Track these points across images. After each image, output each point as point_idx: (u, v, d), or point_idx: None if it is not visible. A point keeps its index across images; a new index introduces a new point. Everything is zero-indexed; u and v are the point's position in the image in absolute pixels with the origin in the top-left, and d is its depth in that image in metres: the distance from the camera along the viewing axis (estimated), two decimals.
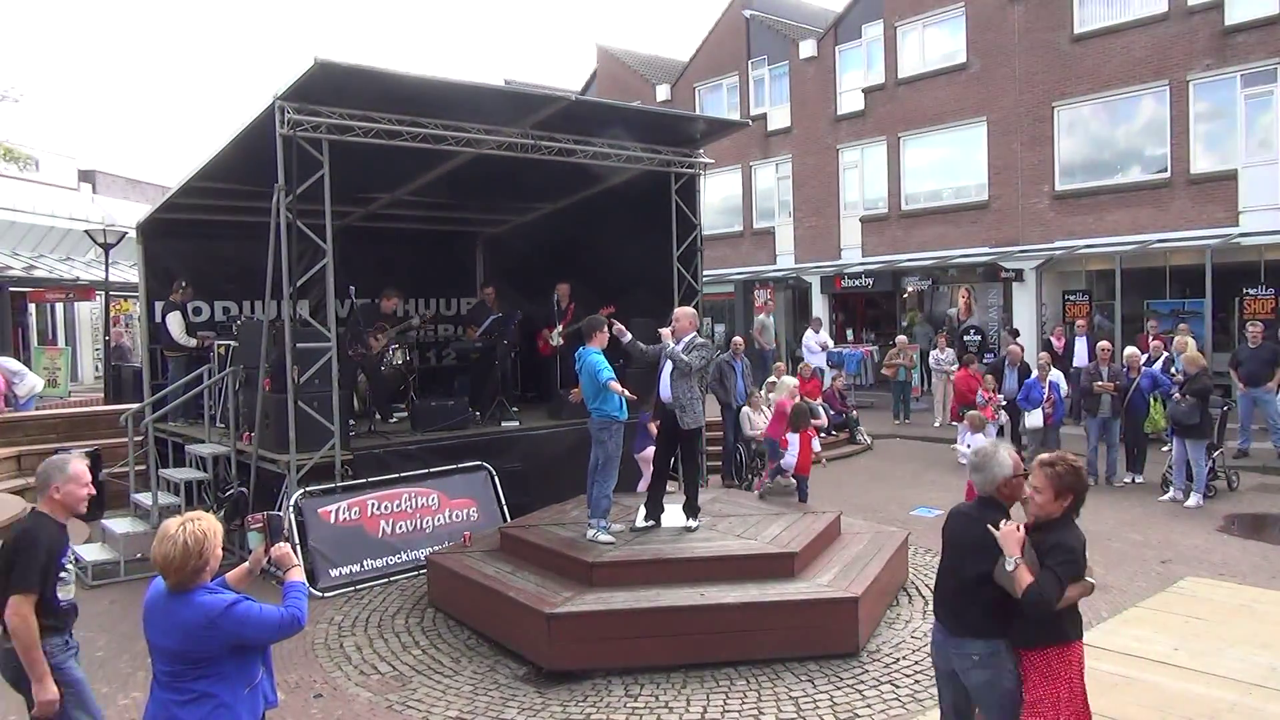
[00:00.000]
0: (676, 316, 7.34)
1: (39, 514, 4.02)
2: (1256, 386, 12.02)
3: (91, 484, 4.17)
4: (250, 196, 9.77)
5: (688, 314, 7.38)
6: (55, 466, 4.11)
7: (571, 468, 8.93)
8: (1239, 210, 15.45)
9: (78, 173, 27.18)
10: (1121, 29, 16.80)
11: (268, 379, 8.43)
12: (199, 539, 3.12)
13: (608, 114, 9.91)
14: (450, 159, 9.55)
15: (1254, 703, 5.05)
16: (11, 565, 3.79)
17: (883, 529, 7.98)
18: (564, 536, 7.09)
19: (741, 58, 24.23)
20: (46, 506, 4.03)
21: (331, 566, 7.83)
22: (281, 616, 3.22)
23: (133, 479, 9.56)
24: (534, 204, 12.69)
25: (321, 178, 7.80)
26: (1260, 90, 15.34)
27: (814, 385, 15.05)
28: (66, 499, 4.06)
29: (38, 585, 3.78)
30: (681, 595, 6.06)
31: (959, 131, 19.52)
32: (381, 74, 7.60)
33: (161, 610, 3.16)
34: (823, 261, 22.10)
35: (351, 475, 8.33)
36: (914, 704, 5.30)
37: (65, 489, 4.06)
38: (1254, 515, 9.72)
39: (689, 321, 7.30)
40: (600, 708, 5.36)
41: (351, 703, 5.56)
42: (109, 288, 18.76)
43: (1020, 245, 18.23)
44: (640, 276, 10.92)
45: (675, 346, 7.10)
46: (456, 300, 14.35)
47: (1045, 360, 12.41)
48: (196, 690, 3.12)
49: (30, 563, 3.77)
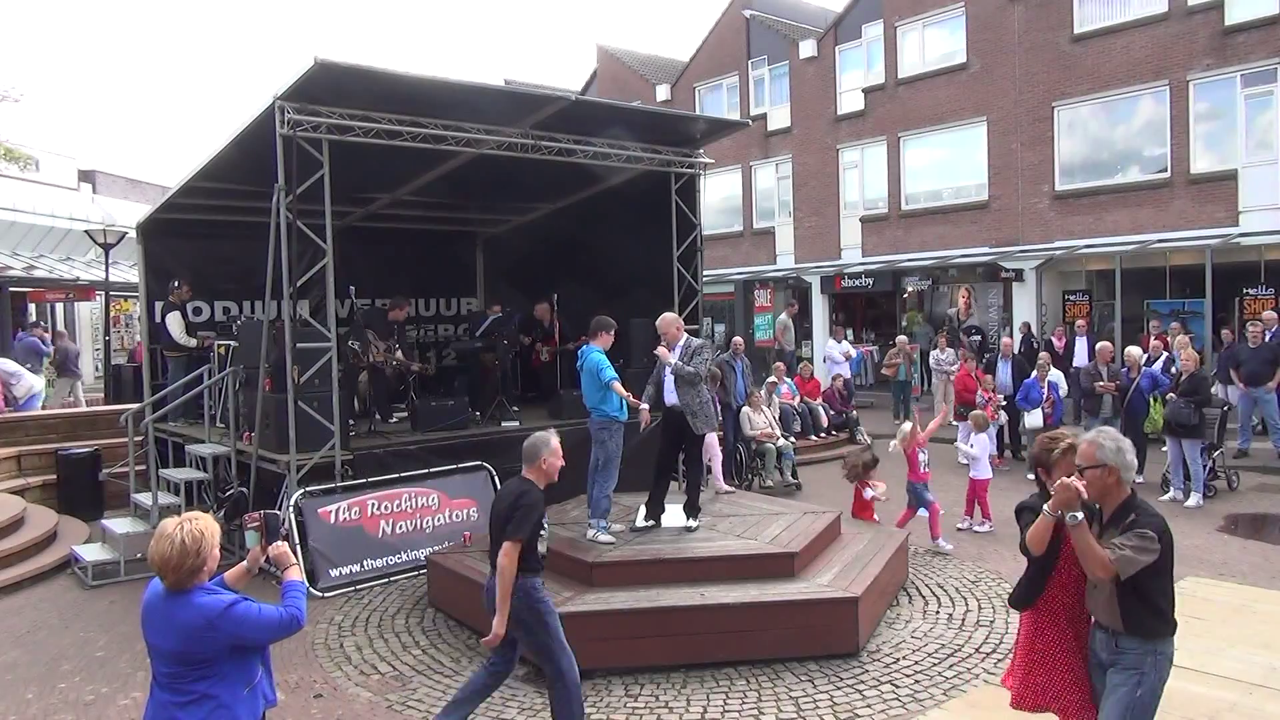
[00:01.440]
0: (661, 329, 7.25)
1: (527, 480, 4.78)
2: (1256, 386, 12.02)
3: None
4: (250, 196, 9.78)
5: (671, 322, 7.30)
6: (542, 441, 4.85)
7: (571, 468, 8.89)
8: (1239, 210, 15.45)
9: (78, 173, 27.16)
10: (1121, 29, 16.80)
11: (268, 379, 8.43)
12: (196, 538, 3.11)
13: (608, 114, 9.92)
14: (450, 159, 9.55)
15: (1254, 703, 5.06)
16: (511, 518, 4.57)
17: (883, 529, 7.99)
18: (564, 536, 7.09)
19: (741, 58, 24.23)
20: (532, 474, 4.79)
21: (331, 566, 7.83)
22: (281, 616, 3.21)
23: (133, 479, 9.56)
24: (534, 204, 12.69)
25: (321, 178, 7.80)
26: (1260, 90, 15.34)
27: (814, 385, 15.07)
28: (549, 469, 4.81)
29: (528, 536, 4.55)
30: (681, 595, 6.06)
31: (959, 131, 19.52)
32: (381, 74, 7.60)
33: (160, 611, 3.15)
34: (823, 261, 22.10)
35: (351, 475, 8.32)
36: (914, 704, 5.29)
37: (549, 461, 4.80)
38: (1254, 515, 9.72)
39: (676, 329, 7.25)
40: (600, 708, 5.36)
41: (351, 703, 5.56)
42: (109, 288, 18.75)
43: (1020, 245, 18.23)
44: (640, 276, 10.93)
45: (674, 359, 7.05)
46: (456, 300, 14.36)
47: (1045, 360, 12.43)
48: (196, 691, 3.11)
49: (528, 517, 4.56)
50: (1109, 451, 3.50)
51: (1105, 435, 3.58)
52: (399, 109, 8.20)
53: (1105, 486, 3.53)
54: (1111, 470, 3.50)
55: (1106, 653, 3.58)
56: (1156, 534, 3.39)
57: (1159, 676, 3.50)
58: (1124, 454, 3.51)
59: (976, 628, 6.45)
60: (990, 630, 6.42)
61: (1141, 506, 3.53)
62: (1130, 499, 3.55)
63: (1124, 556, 3.35)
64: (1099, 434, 3.60)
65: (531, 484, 4.75)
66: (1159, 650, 3.49)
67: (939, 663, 5.86)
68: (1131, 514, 3.49)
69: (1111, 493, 3.54)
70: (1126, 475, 3.53)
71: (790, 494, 11.22)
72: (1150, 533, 3.38)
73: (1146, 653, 3.47)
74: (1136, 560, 3.36)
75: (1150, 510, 3.50)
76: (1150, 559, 3.38)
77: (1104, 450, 3.50)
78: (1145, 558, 3.37)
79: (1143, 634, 3.47)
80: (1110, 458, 3.49)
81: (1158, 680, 3.49)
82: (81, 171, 27.53)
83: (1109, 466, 3.50)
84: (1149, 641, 3.47)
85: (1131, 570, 3.37)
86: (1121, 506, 3.54)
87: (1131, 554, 3.35)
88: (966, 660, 5.89)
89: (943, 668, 5.78)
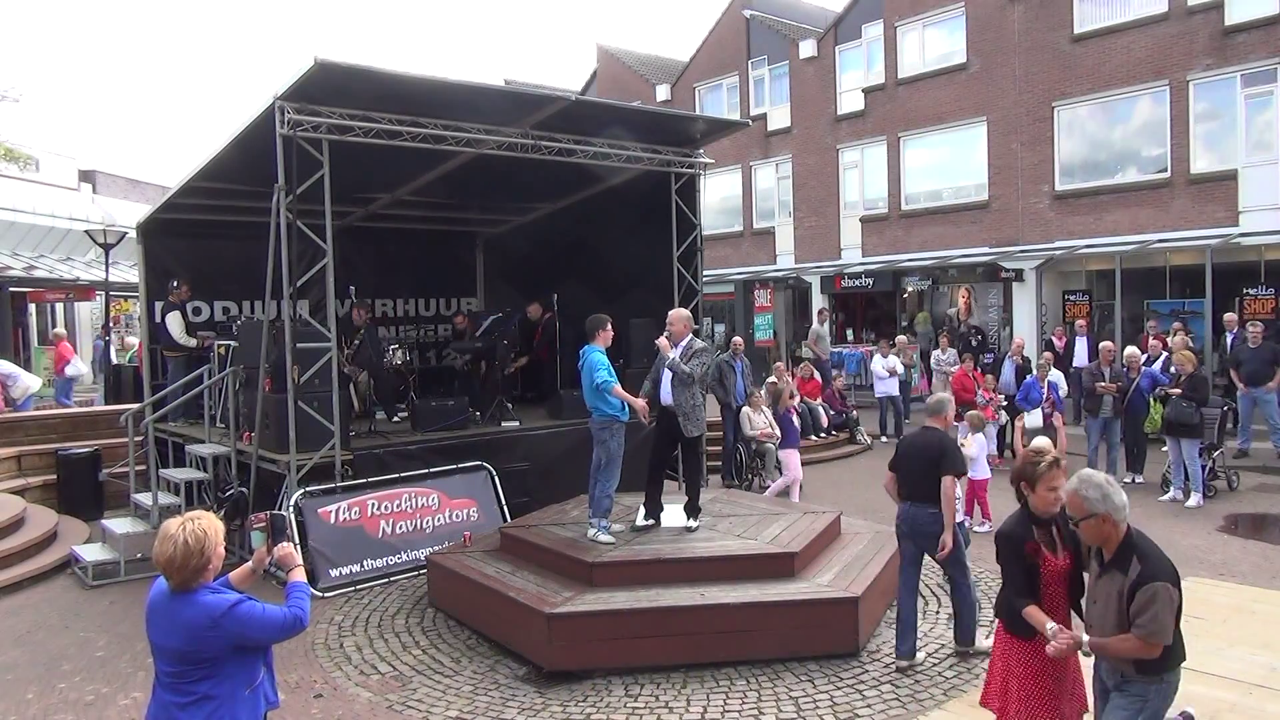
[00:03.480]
0: (671, 320, 7.19)
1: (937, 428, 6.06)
2: (1257, 386, 12.02)
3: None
4: (250, 196, 9.77)
5: (683, 317, 7.22)
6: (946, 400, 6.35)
7: (571, 468, 8.93)
8: (1239, 210, 15.45)
9: (78, 173, 27.16)
10: (1121, 29, 16.80)
11: (268, 379, 8.43)
12: (200, 538, 3.12)
13: (608, 114, 9.91)
14: (450, 159, 9.55)
15: (1254, 703, 5.06)
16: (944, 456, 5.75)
17: (883, 529, 7.96)
18: (564, 536, 7.09)
19: (741, 58, 24.23)
20: (937, 423, 6.12)
21: (332, 566, 7.82)
22: (284, 617, 3.21)
23: (133, 479, 9.55)
24: (534, 204, 12.68)
25: (321, 178, 7.80)
26: (1260, 90, 15.34)
27: (814, 386, 15.06)
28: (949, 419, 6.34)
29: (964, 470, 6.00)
30: (681, 595, 6.06)
31: (959, 131, 19.52)
32: (381, 74, 7.59)
33: (164, 611, 3.15)
34: (823, 261, 22.10)
35: (351, 475, 8.32)
36: (914, 704, 5.29)
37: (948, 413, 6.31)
38: (1254, 515, 9.71)
39: (684, 325, 7.17)
40: (600, 708, 5.36)
41: (352, 703, 5.56)
42: (109, 288, 18.76)
43: (1020, 245, 18.23)
44: (640, 276, 10.93)
45: (675, 356, 7.01)
46: (456, 300, 14.35)
47: (1047, 360, 12.42)
48: (198, 692, 3.11)
49: (959, 454, 5.98)
50: (1095, 502, 3.44)
51: (1087, 485, 3.48)
52: (399, 109, 8.20)
53: (1103, 534, 3.50)
54: (1104, 518, 3.45)
55: (1112, 681, 3.57)
56: (1173, 582, 3.35)
57: (1163, 702, 3.49)
58: (1111, 498, 3.44)
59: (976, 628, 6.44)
60: (990, 630, 6.40)
61: (1141, 548, 3.44)
62: (1128, 538, 3.48)
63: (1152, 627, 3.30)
64: (1080, 484, 3.50)
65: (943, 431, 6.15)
66: (1166, 680, 3.47)
67: (939, 663, 5.86)
68: (1133, 557, 3.41)
69: (1110, 537, 3.50)
70: (1119, 516, 3.45)
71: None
72: (1165, 586, 3.32)
73: (1153, 682, 3.45)
74: (1166, 623, 3.32)
75: (1151, 553, 3.42)
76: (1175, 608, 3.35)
77: (1090, 502, 3.45)
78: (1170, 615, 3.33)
79: (1150, 671, 3.43)
80: (1099, 507, 3.44)
81: (1161, 705, 3.48)
82: (81, 171, 27.53)
83: (1099, 515, 3.45)
84: (1153, 678, 3.45)
85: (1169, 632, 3.33)
86: (1121, 547, 3.48)
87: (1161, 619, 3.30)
88: (966, 660, 5.89)
89: (943, 668, 5.79)
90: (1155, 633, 3.29)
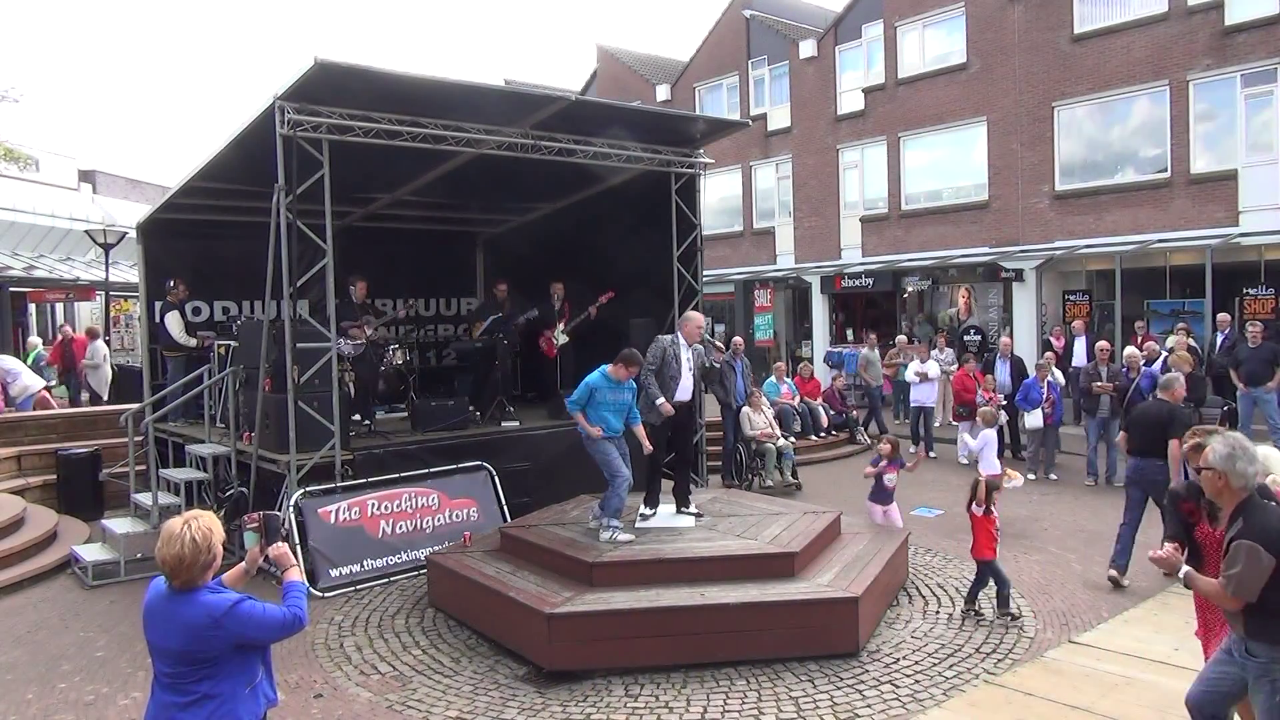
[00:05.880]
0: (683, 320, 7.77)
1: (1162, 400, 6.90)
2: (1256, 386, 12.02)
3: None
4: (250, 196, 9.77)
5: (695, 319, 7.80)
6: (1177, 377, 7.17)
7: (572, 468, 8.93)
8: (1239, 210, 15.44)
9: (78, 173, 27.16)
10: (1121, 29, 16.79)
11: (268, 379, 8.43)
12: (206, 536, 3.14)
13: (608, 114, 9.91)
14: (450, 159, 9.54)
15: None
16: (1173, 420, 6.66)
17: (883, 529, 7.99)
18: (564, 536, 7.09)
19: (741, 58, 24.23)
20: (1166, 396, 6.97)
21: (331, 566, 7.82)
22: (284, 616, 3.23)
23: (133, 479, 9.55)
24: (534, 204, 12.68)
25: (321, 178, 7.80)
26: (1260, 90, 15.33)
27: (814, 386, 15.07)
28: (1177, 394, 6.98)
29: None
30: (681, 595, 6.06)
31: (959, 131, 19.51)
32: (381, 74, 7.59)
33: (164, 611, 3.15)
34: (823, 261, 22.10)
35: (351, 475, 8.32)
36: (914, 704, 5.29)
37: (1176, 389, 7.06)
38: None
39: (695, 328, 7.72)
40: (600, 708, 5.36)
41: (351, 703, 5.56)
42: (109, 288, 18.76)
43: (1020, 245, 18.23)
44: (640, 276, 10.92)
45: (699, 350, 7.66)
46: (456, 300, 14.35)
47: (1048, 360, 12.42)
48: (199, 692, 3.12)
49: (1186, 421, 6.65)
50: (1217, 456, 3.63)
51: (1223, 441, 3.68)
52: (399, 109, 8.20)
53: (1215, 489, 3.67)
54: (1220, 474, 3.61)
55: (1238, 653, 3.65)
56: (1263, 542, 3.42)
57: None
58: (1234, 460, 3.60)
59: (976, 628, 6.46)
60: (990, 630, 6.42)
61: (1252, 511, 3.56)
62: (1246, 502, 3.60)
63: (1233, 580, 3.43)
64: (1223, 438, 3.71)
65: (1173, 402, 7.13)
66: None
67: (939, 663, 5.86)
68: (1240, 518, 3.55)
69: (1222, 495, 3.66)
70: (1235, 481, 3.60)
71: (790, 494, 11.23)
72: (1251, 544, 3.42)
73: (1275, 660, 3.49)
74: (1247, 580, 3.41)
75: (1261, 515, 3.53)
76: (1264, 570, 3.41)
77: (1214, 455, 3.64)
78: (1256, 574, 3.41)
79: (1266, 639, 3.49)
80: (1218, 463, 3.61)
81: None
82: (81, 171, 27.53)
83: (1216, 470, 3.62)
84: (1275, 647, 3.49)
85: (1252, 591, 3.41)
86: (1236, 509, 3.61)
87: (1240, 574, 3.41)
88: (966, 660, 5.90)
89: (943, 668, 5.79)
90: (1238, 584, 3.42)
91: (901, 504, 8.82)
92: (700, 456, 10.98)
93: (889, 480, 8.34)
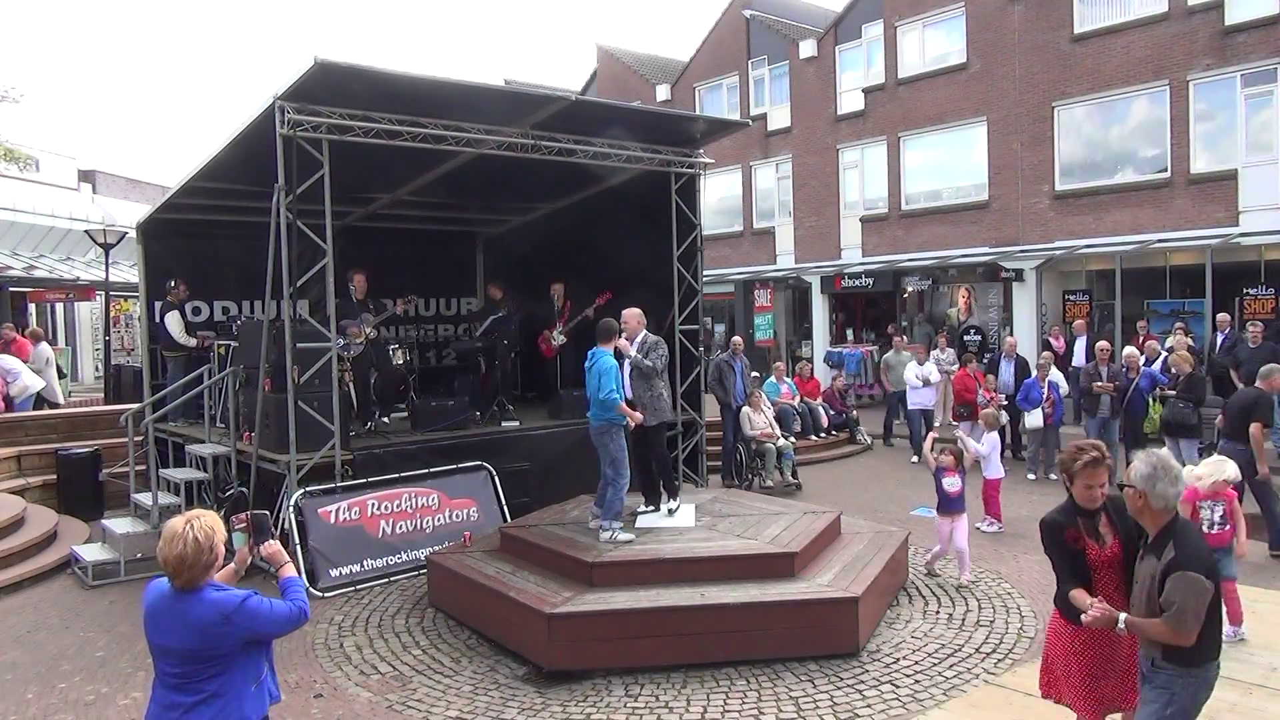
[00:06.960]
0: (625, 319, 7.61)
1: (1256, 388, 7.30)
2: None
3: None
4: (250, 196, 9.78)
5: (636, 315, 7.74)
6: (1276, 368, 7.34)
7: (572, 468, 8.94)
8: (1239, 210, 15.44)
9: (78, 173, 27.13)
10: (1121, 29, 16.79)
11: (268, 379, 8.43)
12: (209, 534, 3.15)
13: (608, 114, 9.91)
14: (450, 159, 9.55)
15: (1254, 703, 5.06)
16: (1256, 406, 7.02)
17: (883, 529, 7.98)
18: (564, 536, 7.09)
19: (741, 58, 24.22)
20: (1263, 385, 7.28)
21: (331, 566, 7.83)
22: (290, 610, 3.27)
23: (133, 479, 9.55)
24: (534, 204, 12.68)
25: (321, 178, 7.80)
26: (1260, 90, 15.33)
27: (814, 385, 15.07)
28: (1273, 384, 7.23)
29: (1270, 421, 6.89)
30: (681, 595, 6.06)
31: (959, 131, 19.51)
32: (381, 74, 7.59)
33: (169, 612, 3.15)
34: (823, 261, 22.09)
35: (351, 475, 8.33)
36: (914, 704, 5.29)
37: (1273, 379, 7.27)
38: (1254, 515, 9.69)
39: (638, 322, 7.68)
40: (600, 708, 5.36)
41: (351, 703, 5.56)
42: (109, 288, 18.76)
43: (1020, 245, 18.23)
44: (640, 276, 10.92)
45: (635, 354, 7.49)
46: (456, 300, 14.36)
47: (1047, 360, 12.41)
48: (207, 690, 3.13)
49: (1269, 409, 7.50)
50: (1139, 476, 3.50)
51: (1142, 458, 3.55)
52: (399, 109, 8.20)
53: (1136, 508, 3.57)
54: (1140, 494, 3.50)
55: (1145, 667, 3.58)
56: (1203, 572, 3.32)
57: (1193, 700, 3.46)
58: (1154, 480, 3.46)
59: (976, 628, 6.46)
60: (990, 630, 6.42)
61: (1180, 536, 3.44)
62: (1171, 525, 3.49)
63: (1181, 617, 3.28)
64: (1140, 456, 3.58)
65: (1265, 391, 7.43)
66: (1196, 674, 3.44)
67: (939, 663, 5.86)
68: (1169, 544, 3.42)
69: (1143, 514, 3.55)
70: (1155, 502, 3.47)
71: (790, 494, 11.22)
72: (1193, 576, 3.30)
73: (1180, 676, 3.43)
74: (1196, 612, 3.29)
75: (1189, 542, 3.41)
76: (1207, 597, 3.31)
77: (1135, 473, 3.52)
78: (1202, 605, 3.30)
79: (1177, 660, 3.42)
80: (1139, 482, 3.49)
81: (1190, 703, 3.46)
82: (81, 171, 27.50)
83: (1136, 490, 3.50)
84: (1183, 667, 3.43)
85: (1194, 624, 3.30)
86: (1161, 532, 3.50)
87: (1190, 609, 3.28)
88: (966, 660, 5.90)
89: (943, 668, 5.79)
90: (1182, 621, 3.29)
91: (901, 504, 8.79)
92: (700, 456, 10.99)
93: (950, 485, 7.41)
